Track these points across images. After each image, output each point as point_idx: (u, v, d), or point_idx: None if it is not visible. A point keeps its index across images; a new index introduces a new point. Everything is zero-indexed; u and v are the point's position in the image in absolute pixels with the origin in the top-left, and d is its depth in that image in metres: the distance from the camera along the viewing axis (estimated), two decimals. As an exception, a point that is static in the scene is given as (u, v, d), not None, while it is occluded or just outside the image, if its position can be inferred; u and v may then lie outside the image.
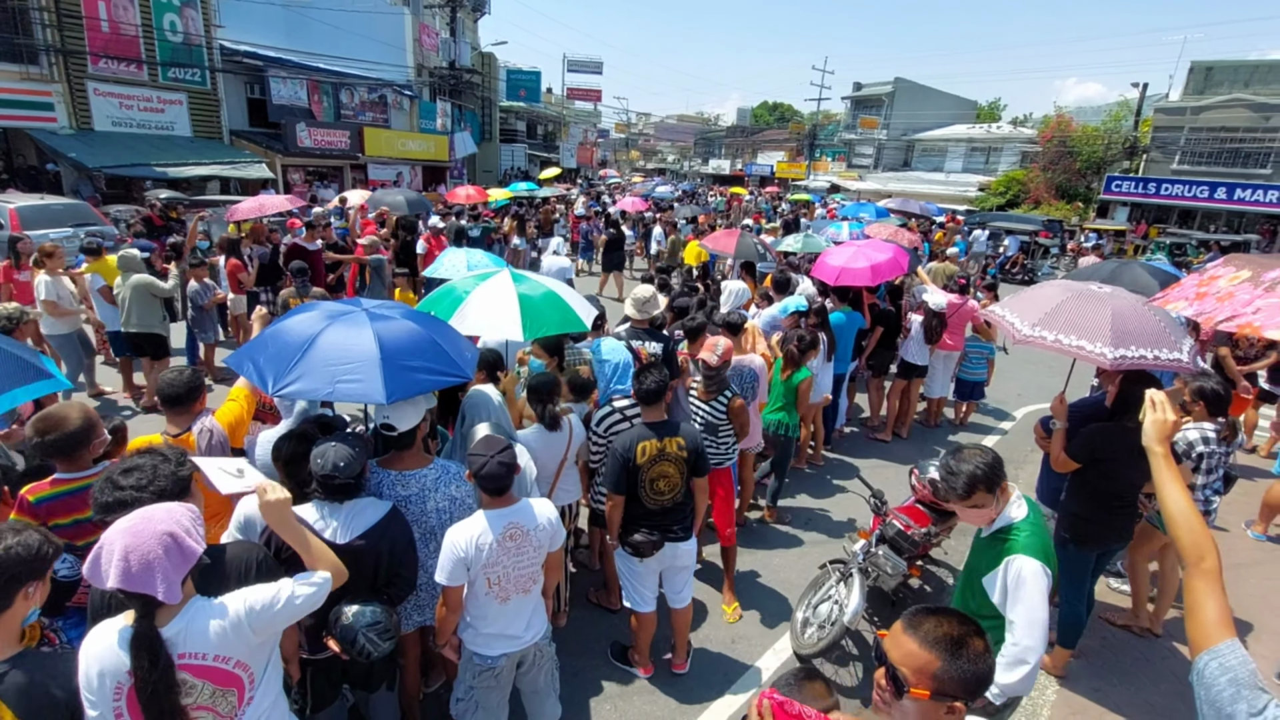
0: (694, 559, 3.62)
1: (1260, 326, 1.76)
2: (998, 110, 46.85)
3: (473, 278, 4.04)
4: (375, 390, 2.49)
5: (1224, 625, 1.63)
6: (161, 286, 6.50)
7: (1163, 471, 1.91)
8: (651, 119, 71.89)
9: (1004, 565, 2.32)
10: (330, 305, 2.92)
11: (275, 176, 18.64)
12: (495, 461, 2.51)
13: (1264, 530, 5.45)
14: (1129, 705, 3.62)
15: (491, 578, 2.55)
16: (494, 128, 33.48)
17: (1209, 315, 1.94)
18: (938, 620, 1.44)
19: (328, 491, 2.41)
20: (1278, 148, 24.45)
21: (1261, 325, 1.76)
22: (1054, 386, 4.01)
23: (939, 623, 1.44)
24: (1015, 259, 19.77)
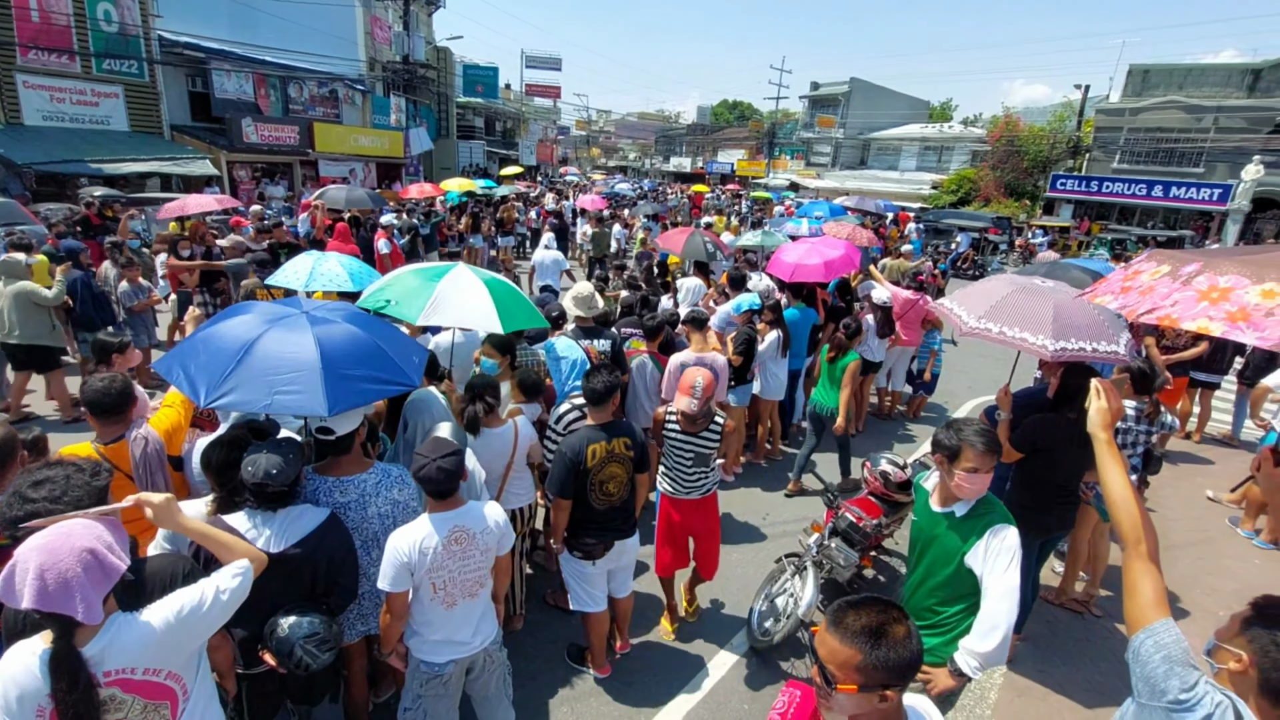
0: (637, 552, 3.64)
1: (1178, 318, 1.83)
2: (949, 110, 48.17)
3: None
4: (316, 401, 2.35)
5: (1159, 605, 1.68)
6: (43, 295, 5.96)
7: (1106, 457, 1.97)
8: (612, 116, 71.69)
9: (986, 537, 2.39)
10: (268, 307, 2.77)
11: (220, 173, 17.94)
12: (435, 465, 2.44)
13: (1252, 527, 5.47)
14: (1070, 684, 3.74)
15: (436, 582, 2.48)
16: (451, 124, 32.88)
17: (1131, 308, 2.00)
18: (857, 613, 1.44)
19: (260, 500, 2.31)
20: (1209, 147, 25.71)
21: (1179, 317, 1.82)
22: (1002, 378, 4.12)
23: (858, 615, 1.44)
24: (966, 255, 20.34)
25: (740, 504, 5.65)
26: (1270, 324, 1.69)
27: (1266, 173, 23.48)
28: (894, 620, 1.42)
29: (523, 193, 22.95)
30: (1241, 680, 1.56)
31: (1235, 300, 1.79)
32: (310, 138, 20.48)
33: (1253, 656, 1.54)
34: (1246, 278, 1.82)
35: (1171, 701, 1.53)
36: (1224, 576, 4.82)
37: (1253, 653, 1.54)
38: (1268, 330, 1.69)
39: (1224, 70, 26.55)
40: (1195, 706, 1.50)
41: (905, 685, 1.42)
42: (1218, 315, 1.80)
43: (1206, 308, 1.84)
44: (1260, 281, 1.78)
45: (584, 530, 3.36)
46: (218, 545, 2.10)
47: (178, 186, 16.59)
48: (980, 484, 2.47)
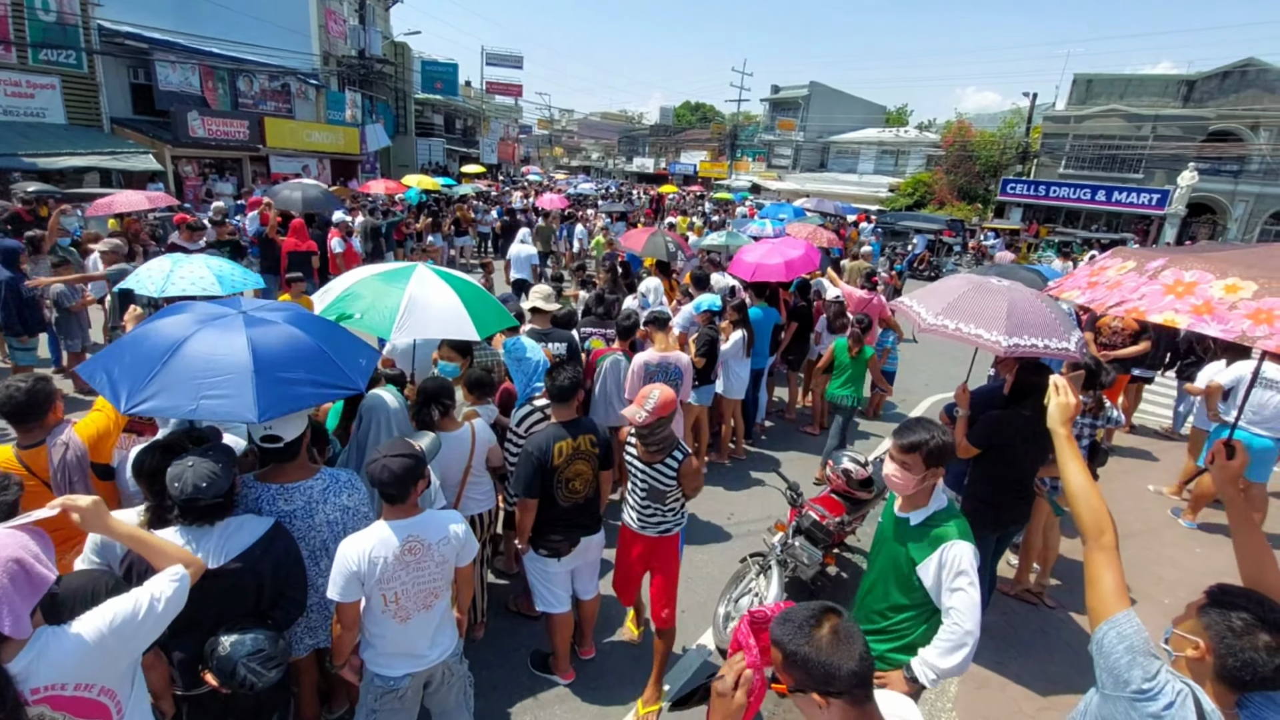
0: (601, 550, 3.59)
1: (1145, 311, 1.89)
2: (905, 115, 49.45)
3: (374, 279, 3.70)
4: (245, 406, 2.22)
5: (1120, 596, 1.72)
6: None
7: (1065, 451, 2.00)
8: (575, 116, 71.39)
9: (939, 552, 2.33)
10: (204, 307, 2.61)
11: (165, 169, 17.20)
12: (381, 463, 2.34)
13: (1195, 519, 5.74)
14: (1027, 675, 3.82)
15: (388, 594, 2.37)
16: (409, 121, 32.24)
17: (1100, 302, 2.05)
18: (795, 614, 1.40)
19: (190, 515, 2.17)
20: (1148, 154, 26.94)
21: (1146, 310, 1.89)
22: (959, 376, 4.19)
23: (794, 616, 1.40)
24: (922, 256, 20.87)
25: (705, 504, 5.64)
26: (1233, 317, 1.75)
27: (1200, 179, 24.73)
28: (827, 625, 1.36)
29: (484, 191, 22.67)
30: (1199, 666, 1.60)
31: (1200, 294, 1.84)
32: (261, 133, 19.80)
33: (1209, 643, 1.58)
34: (1210, 273, 1.87)
35: (1135, 691, 1.56)
36: (1168, 565, 5.01)
37: (1209, 639, 1.58)
38: (1230, 323, 1.75)
39: (1161, 81, 27.86)
40: (1158, 695, 1.53)
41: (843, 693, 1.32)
42: (1183, 308, 1.85)
43: (1172, 301, 1.89)
44: (1223, 276, 1.84)
45: (550, 528, 3.30)
46: (152, 551, 1.99)
47: (118, 182, 15.84)
48: (904, 481, 2.39)
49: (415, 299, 3.46)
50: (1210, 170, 25.36)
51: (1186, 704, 1.53)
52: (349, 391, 2.61)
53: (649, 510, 3.30)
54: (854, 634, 1.35)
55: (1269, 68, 25.00)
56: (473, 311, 3.54)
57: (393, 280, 3.62)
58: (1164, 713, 1.52)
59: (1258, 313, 1.72)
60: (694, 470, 3.17)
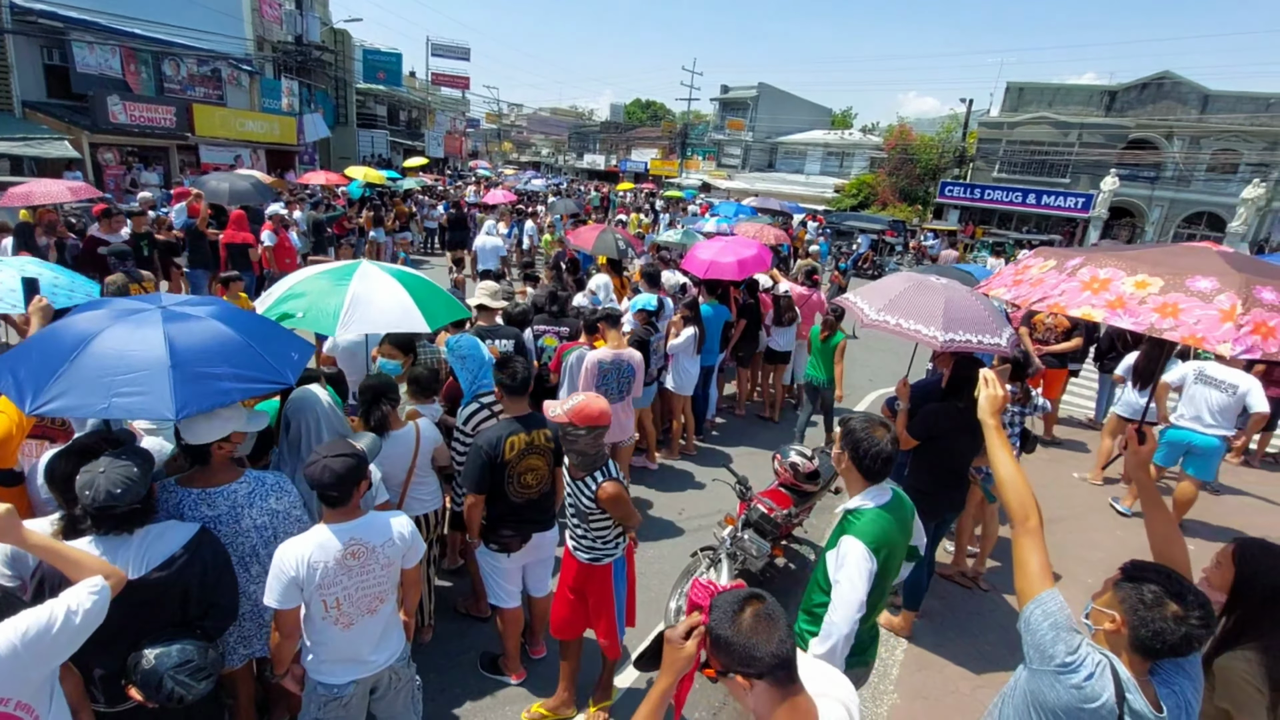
0: (555, 547, 3.56)
1: (1065, 306, 2.02)
2: (850, 118, 50.83)
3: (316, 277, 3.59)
4: (162, 403, 2.10)
5: (1045, 577, 1.82)
6: None
7: (995, 441, 2.11)
8: (524, 110, 70.48)
9: (839, 544, 2.39)
10: (121, 302, 2.46)
11: (82, 156, 16.15)
12: (321, 463, 2.25)
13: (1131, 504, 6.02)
14: (964, 654, 4.00)
15: (328, 600, 2.29)
16: (350, 111, 31.19)
17: (1024, 298, 2.18)
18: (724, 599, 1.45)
19: (106, 524, 2.04)
20: (1074, 160, 28.47)
21: (1066, 305, 2.02)
22: (901, 371, 4.35)
23: (716, 602, 1.45)
24: (866, 255, 21.49)
25: (657, 500, 5.68)
26: (1142, 310, 1.87)
27: (1121, 184, 26.30)
28: (749, 610, 1.40)
29: (429, 185, 22.16)
30: (1116, 638, 1.70)
31: (1114, 290, 1.97)
32: (189, 120, 18.79)
33: (1124, 616, 1.68)
34: (1122, 270, 2.00)
35: (1059, 665, 1.66)
36: (1091, 547, 5.32)
37: (1124, 613, 1.68)
38: (1140, 316, 1.87)
39: (1086, 91, 29.46)
40: (1079, 667, 1.63)
41: (764, 675, 1.35)
42: (1099, 303, 1.97)
43: (1089, 297, 2.01)
44: (1133, 274, 1.96)
45: (501, 523, 3.26)
46: (68, 563, 1.88)
47: (30, 170, 14.80)
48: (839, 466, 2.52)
49: (359, 295, 3.38)
50: (1130, 176, 27.00)
51: (1105, 674, 1.63)
52: (276, 385, 2.49)
53: (577, 530, 3.12)
54: (776, 617, 1.39)
55: (1182, 81, 26.77)
56: (421, 304, 3.48)
57: (336, 278, 3.53)
58: (1085, 683, 1.62)
59: (1164, 306, 1.84)
60: (610, 496, 2.88)
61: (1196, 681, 1.72)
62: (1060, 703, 1.67)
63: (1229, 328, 1.71)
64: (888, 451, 2.38)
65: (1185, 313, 1.80)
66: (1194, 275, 1.85)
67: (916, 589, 4.11)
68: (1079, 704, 1.64)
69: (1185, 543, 2.00)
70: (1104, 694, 1.61)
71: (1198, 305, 1.79)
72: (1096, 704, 1.61)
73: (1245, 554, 2.04)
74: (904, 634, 4.14)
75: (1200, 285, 1.82)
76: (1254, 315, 1.72)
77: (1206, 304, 1.78)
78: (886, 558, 2.37)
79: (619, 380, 4.79)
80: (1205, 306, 1.78)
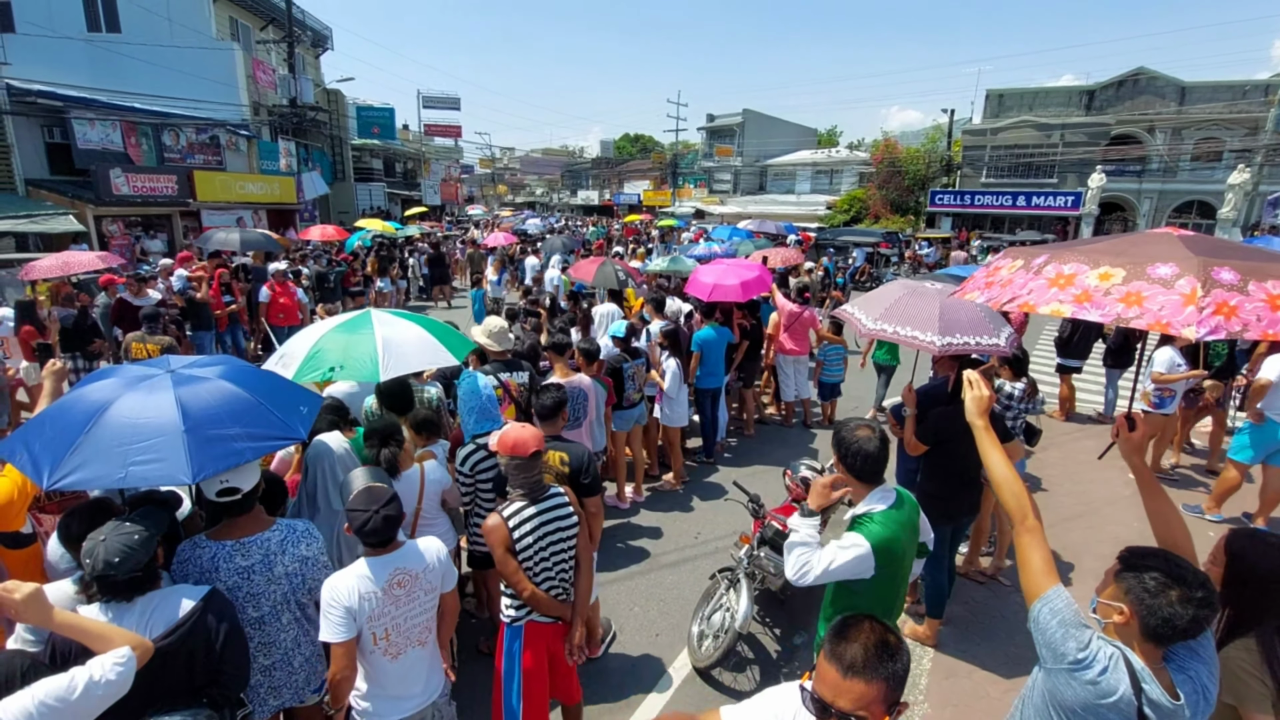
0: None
1: (1035, 304, 2.07)
2: (836, 136, 51.59)
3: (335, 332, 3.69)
4: (179, 468, 2.14)
5: (1049, 573, 1.81)
6: None
7: (984, 441, 2.12)
8: (516, 153, 71.82)
9: (844, 537, 2.43)
10: (131, 369, 2.51)
11: (88, 229, 16.52)
12: (380, 516, 2.31)
13: (1219, 510, 5.72)
14: (991, 659, 3.94)
15: (378, 632, 2.34)
16: (347, 167, 31.86)
17: (996, 299, 2.23)
18: (860, 645, 1.43)
19: (108, 591, 2.04)
20: (1059, 160, 28.77)
21: (1035, 303, 2.07)
22: (905, 379, 4.38)
23: (862, 647, 1.43)
24: (863, 269, 21.65)
25: (672, 525, 5.66)
26: (1108, 302, 1.91)
27: (1108, 180, 26.52)
28: (887, 631, 1.44)
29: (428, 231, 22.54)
30: (1126, 630, 1.69)
31: (1079, 284, 2.01)
32: (191, 187, 19.24)
33: (1131, 608, 1.66)
34: (1086, 264, 2.05)
35: (1072, 662, 1.65)
36: (1110, 543, 5.26)
37: (1130, 604, 1.67)
38: (1106, 308, 1.91)
39: (1065, 92, 29.91)
40: (1092, 663, 1.63)
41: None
42: (1066, 299, 2.01)
43: (1056, 293, 2.05)
44: (1096, 266, 2.01)
45: None
46: (93, 638, 1.86)
47: (36, 246, 15.12)
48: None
49: (389, 339, 3.57)
50: (1116, 171, 27.23)
51: (1119, 666, 1.62)
52: (289, 441, 2.56)
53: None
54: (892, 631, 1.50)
55: (1158, 75, 27.18)
56: (443, 340, 3.73)
57: (354, 329, 3.67)
58: (1100, 678, 1.62)
59: (1128, 296, 1.88)
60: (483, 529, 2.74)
61: (1211, 665, 1.69)
62: (1078, 700, 1.66)
63: (1191, 311, 1.74)
64: (870, 450, 2.42)
65: (1149, 300, 1.83)
66: (1154, 263, 1.89)
67: (939, 595, 4.07)
68: (1096, 700, 1.62)
69: (1186, 524, 2.00)
70: (1120, 687, 1.60)
71: (1160, 292, 1.83)
72: (1114, 698, 1.60)
73: (1235, 544, 2.04)
74: (930, 643, 4.08)
75: (1161, 272, 1.86)
76: (1214, 296, 1.75)
77: (1168, 290, 1.82)
78: (900, 556, 2.39)
79: (572, 407, 4.82)
80: (1167, 292, 1.81)
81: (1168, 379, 6.05)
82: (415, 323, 3.78)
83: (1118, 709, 1.61)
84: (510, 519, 2.70)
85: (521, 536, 2.69)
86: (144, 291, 8.26)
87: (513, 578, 2.71)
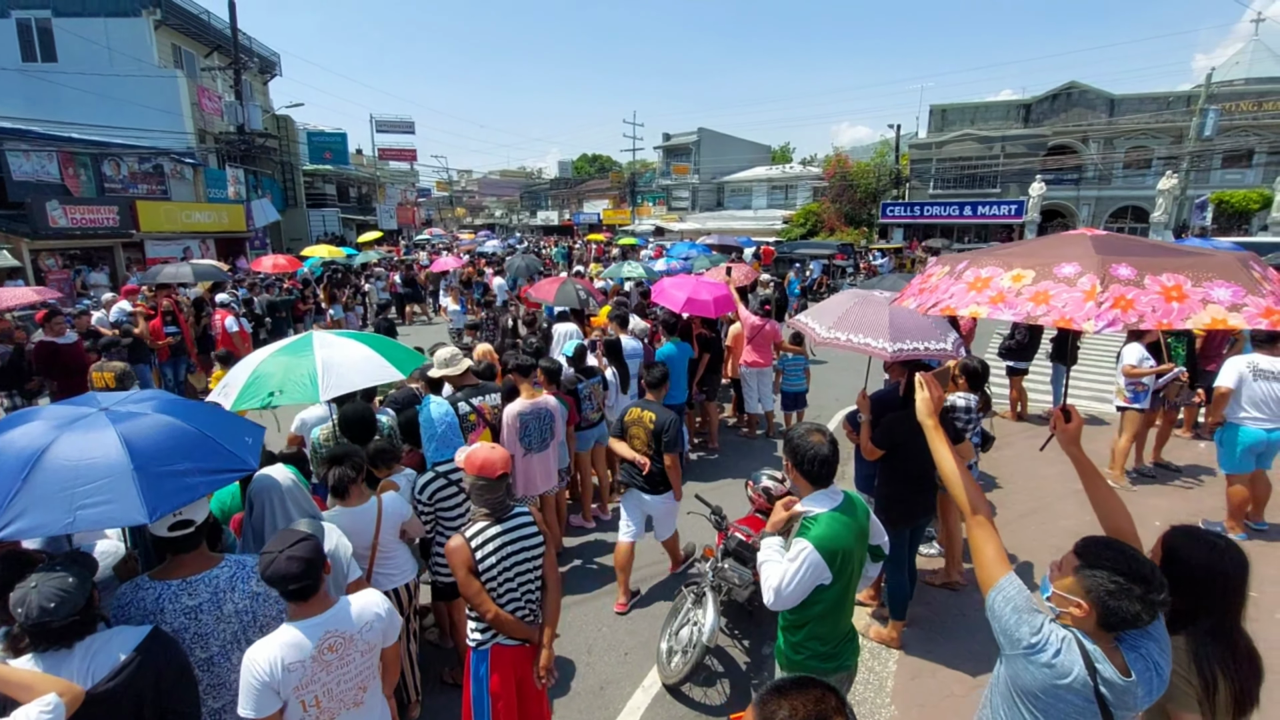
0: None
1: (955, 308, 2.18)
2: (789, 153, 52.88)
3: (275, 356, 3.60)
4: (132, 508, 2.04)
5: (1001, 563, 1.88)
6: None
7: (934, 440, 2.19)
8: (474, 175, 71.62)
9: (791, 546, 2.45)
10: (57, 409, 2.37)
11: (23, 264, 15.85)
12: (283, 557, 2.11)
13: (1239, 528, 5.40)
14: (955, 658, 4.01)
15: (307, 700, 2.17)
16: (299, 193, 31.30)
17: (924, 305, 2.33)
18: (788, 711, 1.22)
19: (43, 640, 1.93)
20: (1001, 170, 30.02)
21: (956, 306, 2.18)
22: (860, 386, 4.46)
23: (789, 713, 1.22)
24: (820, 280, 22.10)
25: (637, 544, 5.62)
26: (1020, 302, 2.02)
27: (1048, 189, 27.75)
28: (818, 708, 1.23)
29: (385, 256, 22.25)
30: (1084, 622, 1.73)
31: (994, 286, 2.12)
32: (134, 217, 18.63)
33: (1091, 604, 1.70)
34: (1000, 267, 2.17)
35: (1026, 647, 1.71)
36: (1062, 536, 5.41)
37: (1091, 601, 1.70)
38: (1018, 307, 2.02)
39: (1004, 106, 31.32)
40: (1045, 647, 1.69)
41: None
42: (983, 300, 2.12)
43: (975, 296, 2.16)
44: (1010, 269, 2.13)
45: None
46: (15, 688, 1.76)
47: (-33, 282, 14.42)
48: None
49: (329, 359, 3.50)
50: (1055, 180, 28.55)
51: (1071, 648, 1.69)
52: (242, 473, 2.48)
53: None
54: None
55: (1089, 89, 28.67)
56: (385, 355, 3.65)
57: (295, 351, 3.60)
58: (1054, 660, 1.67)
59: (1037, 295, 1.99)
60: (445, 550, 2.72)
61: (1163, 643, 1.75)
62: (1037, 683, 1.71)
63: (1091, 306, 1.85)
64: (824, 454, 2.46)
65: (1055, 298, 1.94)
66: (1060, 263, 2.01)
67: (901, 597, 4.13)
68: (1053, 681, 1.68)
69: (1129, 511, 2.08)
70: (1074, 668, 1.66)
71: (1064, 290, 1.93)
72: (1069, 679, 1.66)
73: (1171, 542, 2.09)
74: (895, 645, 4.14)
75: (1065, 271, 1.97)
76: (1112, 291, 1.86)
77: (1071, 287, 1.92)
78: (843, 561, 2.41)
79: (540, 428, 4.80)
80: (1071, 290, 1.92)
81: (1138, 372, 6.31)
82: (359, 341, 3.72)
83: (1074, 689, 1.67)
84: (473, 539, 2.65)
85: (484, 557, 2.64)
86: (60, 331, 7.91)
87: (476, 599, 2.64)
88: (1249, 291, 1.77)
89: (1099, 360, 11.67)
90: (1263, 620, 4.15)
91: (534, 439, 4.75)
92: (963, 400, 4.77)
